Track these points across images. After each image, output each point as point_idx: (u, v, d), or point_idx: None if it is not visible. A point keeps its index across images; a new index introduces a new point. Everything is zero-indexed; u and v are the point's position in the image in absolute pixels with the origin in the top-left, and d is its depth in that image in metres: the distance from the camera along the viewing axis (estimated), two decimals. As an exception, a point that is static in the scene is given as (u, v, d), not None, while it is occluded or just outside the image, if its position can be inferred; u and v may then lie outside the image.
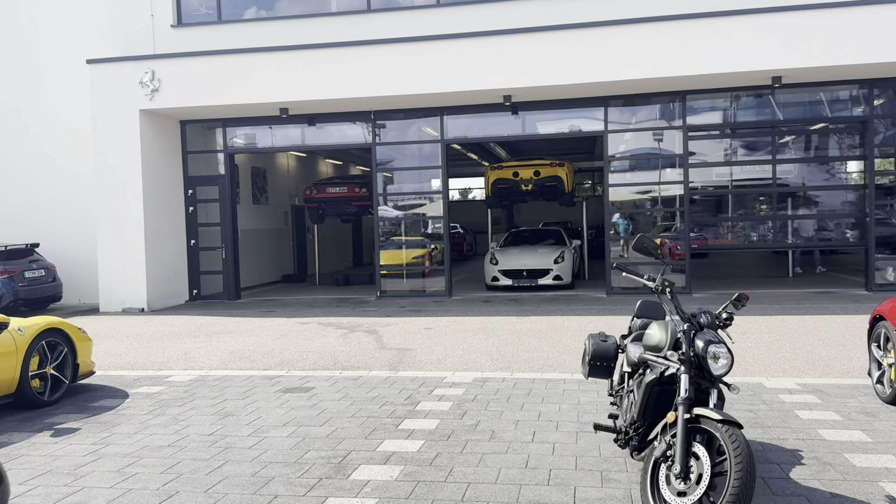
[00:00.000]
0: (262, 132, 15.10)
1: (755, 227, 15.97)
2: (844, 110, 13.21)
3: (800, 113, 13.30)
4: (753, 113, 13.51)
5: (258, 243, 17.91)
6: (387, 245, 15.40)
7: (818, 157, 13.97)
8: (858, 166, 13.76)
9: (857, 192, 13.52)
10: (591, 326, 10.11)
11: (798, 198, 14.31)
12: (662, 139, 13.64)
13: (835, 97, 13.15)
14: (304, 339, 9.84)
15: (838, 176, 14.20)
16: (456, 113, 14.23)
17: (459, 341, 9.29)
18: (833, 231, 14.21)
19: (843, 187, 14.12)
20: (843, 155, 13.83)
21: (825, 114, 13.23)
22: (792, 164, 13.79)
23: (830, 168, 13.99)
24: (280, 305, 13.90)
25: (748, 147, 13.95)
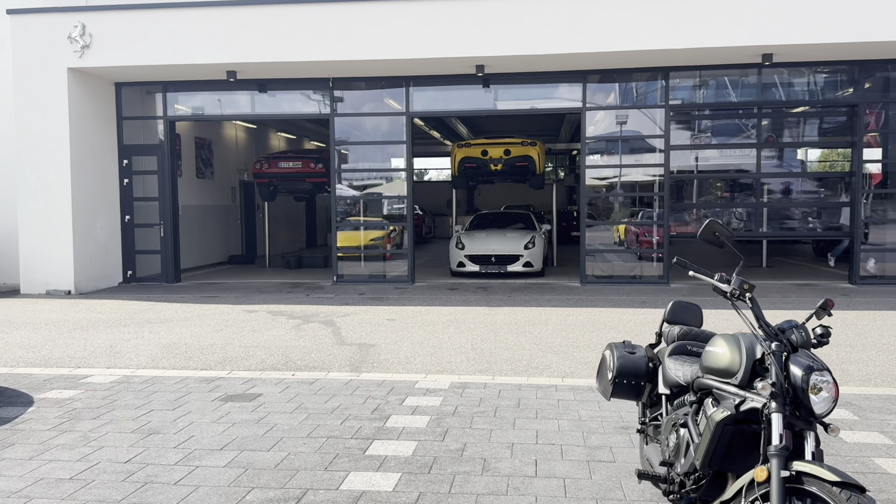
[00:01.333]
0: (207, 98, 13.70)
1: (734, 214, 15.33)
2: (834, 93, 12.52)
3: (787, 95, 12.57)
4: (738, 94, 12.73)
5: (202, 221, 16.50)
6: (344, 226, 14.22)
7: (805, 143, 13.29)
8: (845, 153, 13.14)
9: (845, 180, 12.88)
10: (572, 320, 9.19)
11: (779, 185, 13.65)
12: (643, 118, 12.76)
13: (824, 80, 12.45)
14: (251, 331, 8.66)
15: (825, 162, 13.58)
16: (423, 84, 13.09)
17: (429, 336, 8.24)
18: (818, 220, 13.60)
19: (830, 175, 13.49)
20: (831, 140, 13.18)
21: (814, 97, 12.52)
22: (774, 150, 13.08)
23: (817, 154, 13.35)
24: (225, 290, 12.62)
25: (731, 130, 13.18)
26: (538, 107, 13.06)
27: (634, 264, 13.40)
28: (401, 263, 13.61)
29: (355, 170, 13.86)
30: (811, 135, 13.23)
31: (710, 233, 3.19)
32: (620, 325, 8.83)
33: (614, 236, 18.61)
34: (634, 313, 9.69)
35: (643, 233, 15.69)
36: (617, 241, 18.34)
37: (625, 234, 19.51)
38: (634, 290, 11.90)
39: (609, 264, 13.49)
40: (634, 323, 8.95)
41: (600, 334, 8.23)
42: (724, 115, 13.11)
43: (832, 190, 13.38)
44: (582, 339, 7.96)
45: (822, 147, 13.45)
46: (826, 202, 13.48)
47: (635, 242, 17.40)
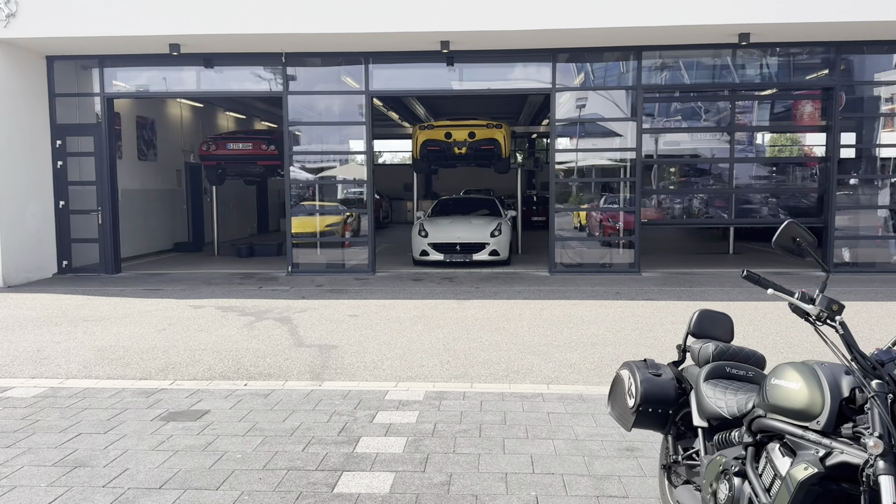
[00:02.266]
0: (148, 74, 12.63)
1: (702, 200, 15.03)
2: (810, 75, 12.17)
3: (762, 77, 12.17)
4: (713, 76, 12.28)
5: (145, 206, 15.43)
6: (299, 211, 13.39)
7: (780, 127, 12.95)
8: (820, 137, 12.86)
9: (819, 165, 12.58)
10: (547, 314, 8.61)
11: (752, 170, 13.32)
12: (614, 100, 12.22)
13: (800, 62, 12.08)
14: (198, 331, 7.84)
15: (797, 148, 13.29)
16: (383, 61, 12.28)
17: (396, 335, 7.56)
18: (788, 207, 13.33)
19: (806, 160, 13.19)
20: (806, 124, 12.86)
21: (790, 79, 12.15)
22: (746, 134, 12.71)
23: (789, 138, 13.03)
24: (169, 281, 11.69)
25: (704, 113, 12.75)
26: (505, 87, 12.40)
27: (604, 252, 12.92)
28: (361, 251, 12.86)
29: (310, 152, 13.00)
30: (784, 119, 12.87)
31: (789, 238, 2.56)
32: (599, 320, 8.29)
33: (574, 222, 18.13)
34: (611, 306, 9.17)
35: (606, 219, 15.25)
36: (577, 227, 17.87)
37: (586, 219, 19.06)
38: (606, 280, 11.40)
39: (578, 252, 12.99)
40: (613, 317, 8.42)
41: (579, 330, 7.67)
42: (697, 97, 12.66)
43: (803, 176, 13.11)
44: (561, 337, 7.38)
45: (796, 132, 13.13)
46: (801, 188, 13.20)
47: (598, 228, 16.96)
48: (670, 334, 7.48)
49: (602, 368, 6.19)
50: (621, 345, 7.04)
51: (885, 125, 11.81)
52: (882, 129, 11.81)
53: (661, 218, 14.76)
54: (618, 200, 13.70)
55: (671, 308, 9.00)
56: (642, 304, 9.33)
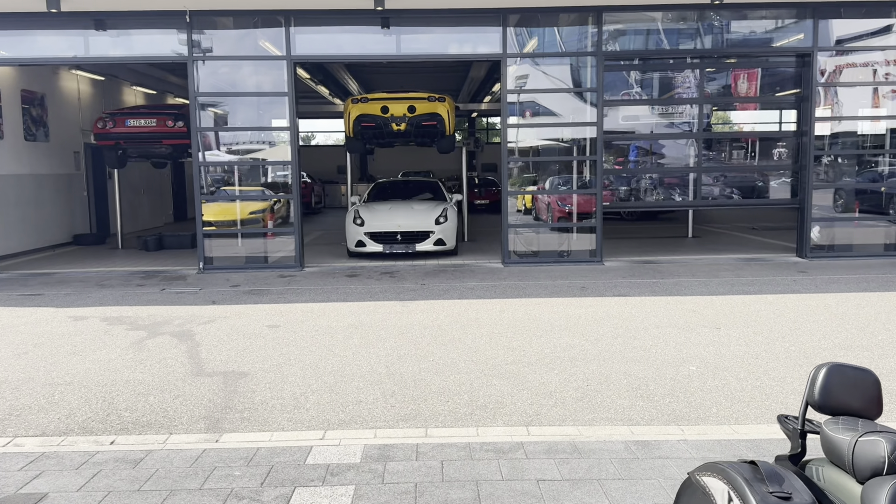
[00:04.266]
0: (28, 38, 10.58)
1: (652, 180, 13.93)
2: (784, 39, 11.06)
3: (734, 42, 11.01)
4: (679, 41, 11.05)
5: (35, 194, 13.29)
6: (215, 197, 11.63)
7: (752, 98, 11.83)
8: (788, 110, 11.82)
9: (793, 140, 11.53)
10: (509, 317, 7.20)
11: (725, 145, 12.22)
12: (572, 68, 10.87)
13: (774, 25, 10.96)
14: (70, 354, 6.11)
15: (769, 121, 12.24)
16: (307, 22, 10.58)
17: (326, 352, 6.01)
18: (759, 184, 12.30)
19: (780, 134, 12.13)
20: (779, 93, 11.77)
21: (764, 44, 11.01)
22: (705, 106, 11.55)
23: (762, 109, 11.94)
24: (54, 283, 9.78)
25: (668, 84, 11.52)
26: (449, 53, 10.87)
27: (562, 239, 11.61)
28: (286, 243, 11.17)
29: (224, 128, 11.19)
30: (757, 88, 11.76)
31: None
32: (570, 324, 6.93)
33: (518, 205, 16.80)
34: (579, 305, 7.84)
35: (556, 202, 13.97)
36: (521, 211, 16.55)
37: (531, 203, 17.76)
38: (567, 272, 10.09)
39: (532, 240, 11.64)
40: (585, 320, 7.07)
41: (550, 340, 6.29)
42: (661, 66, 11.41)
43: (777, 150, 12.09)
44: (530, 350, 5.99)
45: (771, 102, 12.05)
46: (776, 165, 12.15)
47: (546, 212, 15.68)
48: (660, 343, 6.18)
49: (591, 397, 4.82)
50: (606, 360, 5.68)
51: (871, 98, 10.82)
52: (864, 99, 10.83)
53: (609, 201, 13.58)
54: (572, 182, 12.42)
55: (649, 306, 7.72)
56: (614, 301, 8.03)
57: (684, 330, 6.66)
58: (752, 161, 14.00)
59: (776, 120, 20.28)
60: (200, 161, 10.69)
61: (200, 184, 10.80)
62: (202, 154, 10.79)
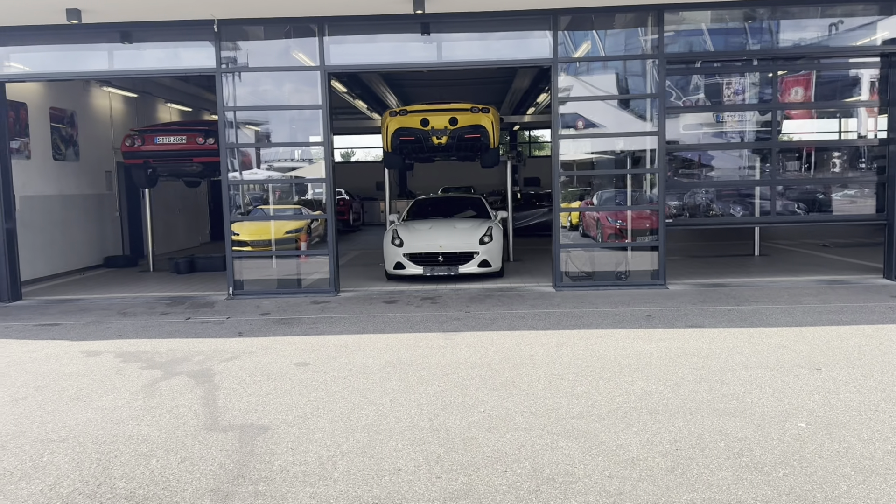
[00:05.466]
0: (52, 52, 10.11)
1: (709, 193, 12.90)
2: (867, 37, 9.98)
3: (809, 42, 9.96)
4: (750, 41, 10.05)
5: (63, 215, 12.85)
6: (249, 216, 11.01)
7: (830, 102, 10.74)
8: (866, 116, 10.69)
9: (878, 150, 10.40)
10: (568, 353, 6.29)
11: (796, 155, 11.14)
12: (630, 73, 9.96)
13: (856, 23, 9.90)
14: (72, 400, 5.40)
15: (845, 129, 11.14)
16: (341, 30, 9.88)
17: (359, 400, 5.18)
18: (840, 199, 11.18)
19: (863, 142, 10.95)
20: (862, 100, 10.64)
21: (843, 43, 9.94)
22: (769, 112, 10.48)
23: (839, 115, 10.87)
24: (75, 311, 9.19)
25: (735, 88, 10.51)
26: (494, 59, 10.04)
27: (619, 259, 10.63)
28: (321, 264, 10.43)
29: (256, 144, 10.54)
30: (830, 93, 10.68)
31: None
32: (641, 363, 5.99)
33: (563, 221, 15.88)
34: (648, 338, 6.88)
35: (605, 218, 13.03)
36: (566, 227, 15.61)
37: (578, 218, 16.81)
38: (627, 298, 9.13)
39: (586, 260, 10.70)
40: (658, 358, 6.12)
41: (621, 385, 5.36)
42: (727, 69, 10.41)
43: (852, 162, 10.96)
44: (599, 398, 5.07)
45: (851, 107, 10.95)
46: (858, 178, 11.00)
47: (594, 229, 14.75)
48: (753, 390, 5.20)
49: (685, 467, 3.88)
50: (694, 413, 4.74)
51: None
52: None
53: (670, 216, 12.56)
54: (626, 196, 11.48)
55: (729, 339, 6.73)
56: (688, 334, 7.05)
57: (778, 371, 5.66)
58: (821, 172, 12.85)
59: (852, 128, 18.94)
60: (230, 179, 10.03)
61: (236, 203, 10.18)
62: (238, 172, 10.15)
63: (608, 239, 12.73)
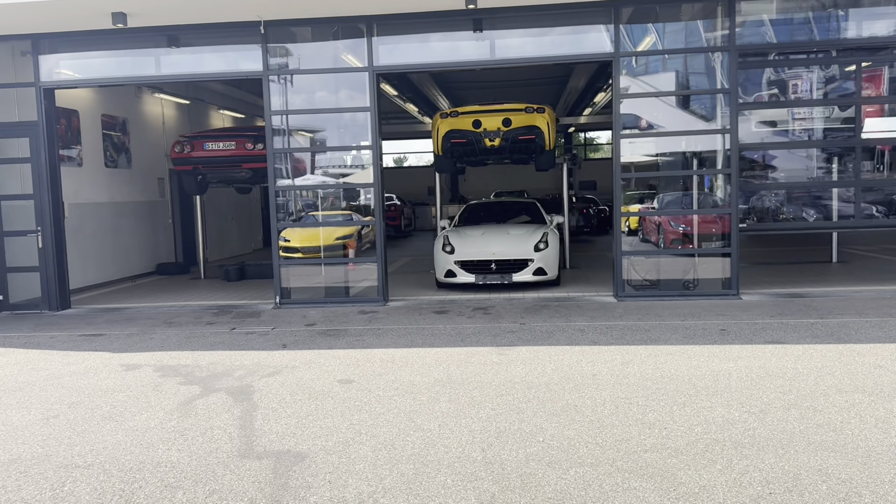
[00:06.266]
0: (97, 58, 10.01)
1: (777, 196, 12.14)
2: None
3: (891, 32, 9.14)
4: (826, 29, 9.28)
5: (114, 222, 12.83)
6: (300, 222, 10.74)
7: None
8: None
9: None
10: (635, 373, 5.71)
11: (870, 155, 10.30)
12: (698, 67, 9.30)
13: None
14: (104, 420, 5.10)
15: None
16: (390, 29, 9.50)
17: (406, 426, 4.73)
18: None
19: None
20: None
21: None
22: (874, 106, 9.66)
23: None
24: (121, 321, 9.02)
25: (815, 82, 9.73)
26: (551, 55, 9.49)
27: (686, 266, 9.94)
28: (369, 272, 10.05)
29: (301, 149, 10.25)
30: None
31: None
32: (719, 384, 5.37)
33: (621, 226, 15.22)
34: (724, 356, 6.24)
35: (667, 222, 12.35)
36: (625, 233, 14.93)
37: (638, 223, 16.10)
38: (697, 309, 8.46)
39: (649, 268, 10.04)
40: (739, 378, 5.49)
41: (698, 410, 4.77)
42: (805, 61, 9.64)
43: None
44: (675, 427, 4.49)
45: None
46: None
47: (655, 234, 14.06)
48: (852, 419, 4.54)
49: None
50: (786, 447, 4.13)
51: None
52: None
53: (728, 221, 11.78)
54: (691, 199, 10.81)
55: (816, 358, 6.04)
56: (769, 351, 6.38)
57: (878, 396, 4.98)
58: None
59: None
60: (277, 185, 9.75)
61: (287, 209, 9.93)
62: (288, 178, 9.89)
63: (670, 244, 12.07)
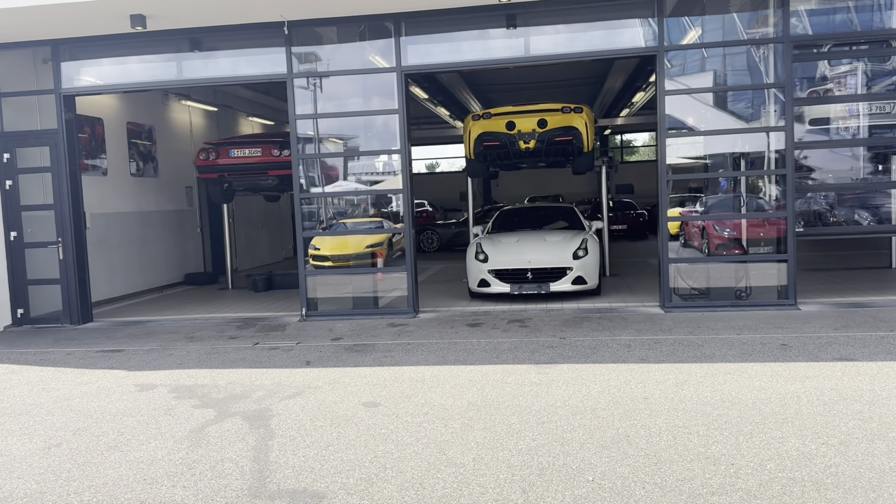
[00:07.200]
0: (118, 63, 9.73)
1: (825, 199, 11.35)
2: None
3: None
4: (885, 17, 8.58)
5: (141, 232, 12.58)
6: (328, 230, 10.35)
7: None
8: None
9: None
10: (692, 395, 5.13)
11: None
12: (749, 61, 8.67)
13: None
14: (110, 448, 4.69)
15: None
16: (419, 27, 9.05)
17: (436, 459, 4.23)
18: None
19: None
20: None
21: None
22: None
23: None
24: (142, 335, 8.69)
25: (875, 74, 9.04)
26: (589, 50, 8.93)
27: (738, 274, 9.28)
28: (399, 281, 9.57)
29: (327, 154, 9.84)
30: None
31: None
32: (786, 410, 4.76)
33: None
34: (789, 376, 5.62)
35: (712, 226, 11.67)
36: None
37: (680, 227, 15.46)
38: (753, 321, 7.81)
39: (697, 275, 9.41)
40: (809, 402, 4.87)
41: (767, 441, 4.18)
42: (865, 52, 8.94)
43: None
44: (744, 463, 3.92)
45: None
46: None
47: (698, 239, 13.34)
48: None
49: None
50: (876, 490, 3.53)
51: None
52: None
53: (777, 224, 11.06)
54: (740, 201, 10.19)
55: (894, 377, 5.40)
56: (838, 369, 5.74)
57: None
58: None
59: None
60: (302, 192, 9.35)
61: (318, 216, 9.57)
62: (318, 185, 9.52)
63: (715, 250, 11.41)
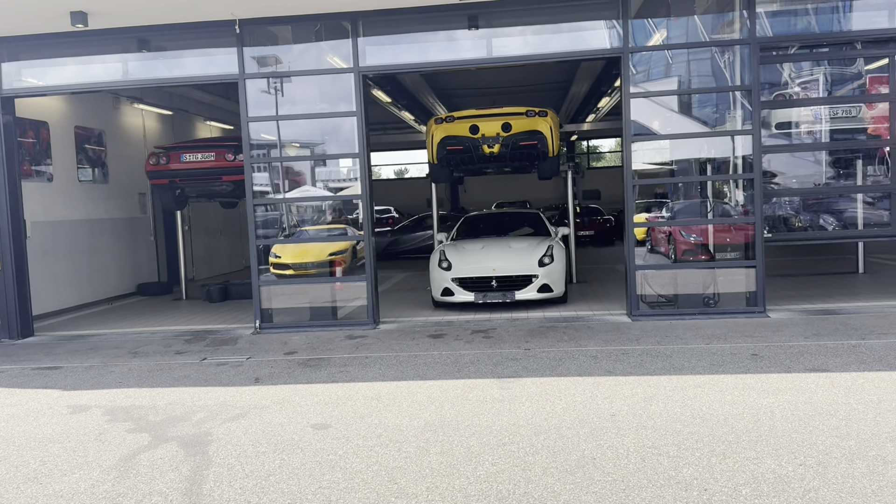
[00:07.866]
0: (60, 65, 9.22)
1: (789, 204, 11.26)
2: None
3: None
4: (852, 20, 8.47)
5: (89, 241, 12.00)
6: (282, 238, 9.94)
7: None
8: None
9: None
10: (661, 412, 4.85)
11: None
12: (715, 63, 8.49)
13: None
14: (27, 481, 4.25)
15: None
16: (378, 27, 8.71)
17: (387, 490, 3.86)
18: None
19: None
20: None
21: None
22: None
23: None
24: (84, 350, 8.17)
25: (839, 77, 8.93)
26: (553, 51, 8.67)
27: (706, 280, 9.07)
28: (358, 291, 9.18)
29: (282, 158, 9.42)
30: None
31: None
32: (761, 426, 4.50)
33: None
34: (762, 388, 5.37)
35: (678, 232, 11.53)
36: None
37: (646, 233, 15.33)
38: (722, 329, 7.59)
39: (664, 282, 9.18)
40: (784, 418, 4.62)
41: (743, 461, 3.90)
42: (831, 54, 8.82)
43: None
44: (720, 489, 3.63)
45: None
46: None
47: (665, 244, 13.20)
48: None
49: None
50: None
51: None
52: None
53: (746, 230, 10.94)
54: (705, 207, 10.05)
55: (869, 389, 5.17)
56: (812, 381, 5.51)
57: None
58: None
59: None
60: (262, 199, 8.94)
61: (281, 224, 9.18)
62: (272, 191, 9.10)
63: (682, 256, 11.25)
